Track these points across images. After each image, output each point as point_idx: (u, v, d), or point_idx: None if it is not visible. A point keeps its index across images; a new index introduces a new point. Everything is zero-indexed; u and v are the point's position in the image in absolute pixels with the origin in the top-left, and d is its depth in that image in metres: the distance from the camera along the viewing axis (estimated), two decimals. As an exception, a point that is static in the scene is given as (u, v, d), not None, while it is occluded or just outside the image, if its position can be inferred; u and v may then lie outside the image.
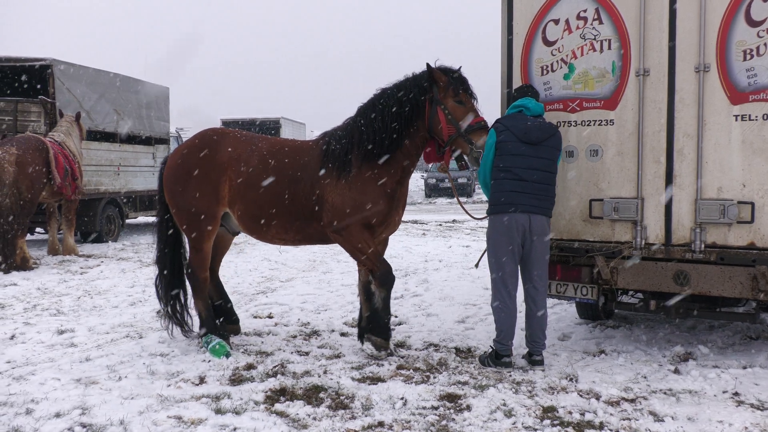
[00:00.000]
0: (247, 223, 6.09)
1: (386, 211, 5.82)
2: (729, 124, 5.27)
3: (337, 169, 5.76)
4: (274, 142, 6.23)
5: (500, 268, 5.51)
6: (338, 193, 5.73)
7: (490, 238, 5.57)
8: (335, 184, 5.75)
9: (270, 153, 6.05)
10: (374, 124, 5.73)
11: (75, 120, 12.79)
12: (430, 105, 5.70)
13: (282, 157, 6.02)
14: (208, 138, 6.22)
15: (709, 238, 5.38)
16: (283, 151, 6.08)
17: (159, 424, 4.43)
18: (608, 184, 5.73)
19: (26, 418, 4.52)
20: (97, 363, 5.78)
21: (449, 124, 5.64)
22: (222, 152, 6.07)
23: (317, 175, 5.83)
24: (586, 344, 6.34)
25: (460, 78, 5.73)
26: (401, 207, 6.06)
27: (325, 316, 7.68)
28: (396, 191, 5.87)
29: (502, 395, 4.94)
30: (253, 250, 13.41)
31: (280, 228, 6.01)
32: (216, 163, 6.03)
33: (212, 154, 6.07)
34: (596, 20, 5.70)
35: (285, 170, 5.94)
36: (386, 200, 5.79)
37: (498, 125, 5.58)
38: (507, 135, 5.44)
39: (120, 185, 15.31)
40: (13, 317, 7.57)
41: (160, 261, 6.48)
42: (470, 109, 5.69)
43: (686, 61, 5.38)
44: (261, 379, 5.31)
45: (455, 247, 13.79)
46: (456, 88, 5.67)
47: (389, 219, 5.92)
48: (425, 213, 24.22)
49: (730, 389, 5.04)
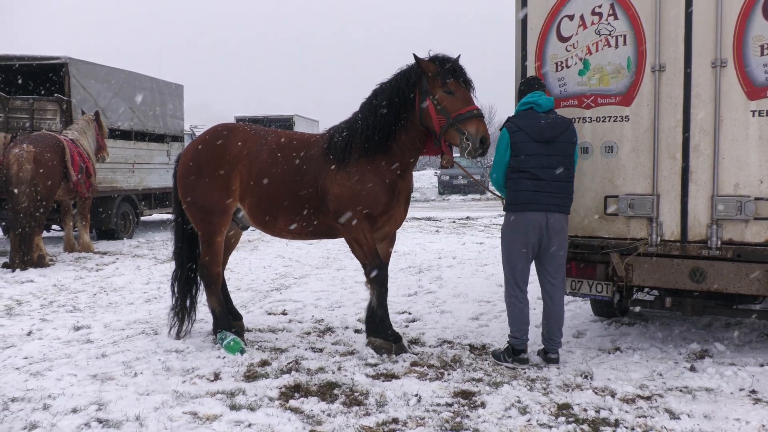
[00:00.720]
0: (256, 216, 6.14)
1: (385, 201, 5.75)
2: (746, 120, 5.22)
3: (338, 160, 5.77)
4: (283, 136, 6.26)
5: (514, 265, 5.50)
6: (339, 183, 5.74)
7: (505, 235, 5.55)
8: (336, 174, 5.76)
9: (279, 146, 6.10)
10: (369, 117, 5.72)
11: (94, 119, 12.89)
12: (420, 96, 5.59)
13: (290, 151, 6.06)
14: (219, 133, 6.28)
15: (726, 234, 5.34)
16: (291, 145, 6.12)
17: (174, 419, 4.46)
18: (623, 181, 5.70)
19: (43, 414, 4.56)
20: (113, 359, 5.82)
21: (439, 115, 5.48)
22: (232, 147, 6.11)
23: (321, 166, 5.85)
24: (601, 341, 6.31)
25: (450, 66, 5.53)
26: (404, 201, 5.99)
27: (339, 313, 7.69)
28: (396, 184, 5.80)
29: (517, 392, 4.93)
30: (267, 248, 13.45)
31: (287, 221, 6.04)
32: (226, 158, 6.08)
33: (223, 149, 6.12)
34: (611, 16, 5.67)
35: (292, 163, 5.98)
36: (385, 191, 5.74)
37: (510, 125, 5.46)
38: (520, 135, 5.37)
39: (135, 182, 15.40)
40: (30, 314, 7.64)
41: (176, 256, 6.58)
42: (460, 98, 5.49)
43: (703, 57, 5.33)
44: (275, 376, 5.33)
45: (469, 244, 13.76)
46: (444, 78, 5.48)
47: (391, 212, 5.86)
48: (438, 210, 24.18)
49: (747, 387, 5.00)
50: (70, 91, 13.29)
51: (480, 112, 5.50)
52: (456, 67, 5.55)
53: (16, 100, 13.13)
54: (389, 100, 5.66)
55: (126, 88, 15.27)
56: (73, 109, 13.25)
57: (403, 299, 8.32)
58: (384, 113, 5.65)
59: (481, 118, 5.48)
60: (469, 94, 5.56)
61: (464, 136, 5.37)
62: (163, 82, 17.08)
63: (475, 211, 22.61)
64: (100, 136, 13.01)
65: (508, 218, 5.53)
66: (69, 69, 13.30)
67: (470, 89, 5.59)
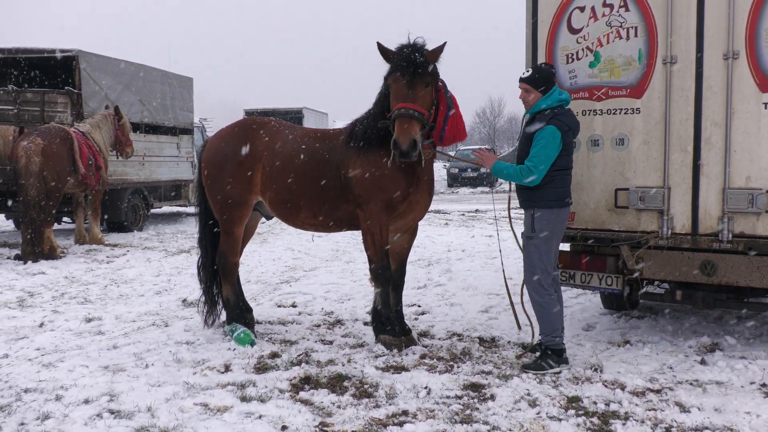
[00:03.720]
0: (278, 208, 6.18)
1: (405, 186, 5.68)
2: (758, 112, 5.18)
3: (359, 146, 5.75)
4: (308, 131, 6.35)
5: (550, 262, 5.30)
6: (360, 166, 5.73)
7: (547, 232, 5.25)
8: (357, 160, 5.76)
9: (302, 138, 6.15)
10: (378, 105, 5.71)
11: (113, 113, 12.96)
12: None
13: (313, 142, 6.11)
14: (247, 126, 6.36)
15: (737, 227, 5.30)
16: (315, 136, 6.19)
17: (185, 410, 4.49)
18: (634, 174, 5.67)
19: (56, 404, 4.60)
20: (124, 351, 5.86)
21: (389, 111, 5.41)
22: (258, 141, 6.17)
23: (343, 154, 5.87)
24: (611, 334, 6.30)
25: (394, 57, 5.36)
26: (427, 189, 5.91)
27: (349, 305, 7.71)
28: (414, 168, 5.68)
29: (526, 385, 4.93)
30: (276, 240, 13.49)
31: (309, 212, 6.07)
32: (250, 152, 6.13)
33: (248, 142, 6.17)
34: (622, 7, 5.63)
35: (315, 153, 6.01)
36: (403, 175, 5.67)
37: (560, 125, 5.14)
38: (570, 135, 5.22)
39: (145, 175, 15.45)
40: (42, 305, 7.70)
41: (201, 243, 6.68)
42: (394, 94, 5.33)
43: (714, 48, 5.29)
44: (285, 368, 5.35)
45: (478, 237, 13.75)
46: (390, 71, 5.40)
47: (412, 198, 5.80)
48: (447, 203, 24.16)
49: (758, 380, 4.99)
50: (81, 83, 13.34)
51: (405, 110, 5.20)
52: (396, 59, 5.36)
53: (27, 93, 13.19)
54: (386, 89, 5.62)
55: (136, 81, 15.30)
56: (84, 102, 13.29)
57: (412, 292, 8.32)
58: (383, 101, 5.64)
59: (403, 119, 5.21)
60: (404, 88, 5.29)
61: (394, 138, 5.24)
62: (173, 75, 17.09)
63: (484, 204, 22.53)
64: (120, 132, 13.06)
65: (548, 215, 5.25)
66: (79, 62, 13.33)
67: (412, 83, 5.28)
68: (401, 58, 5.32)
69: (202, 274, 6.62)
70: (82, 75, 13.37)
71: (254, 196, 6.21)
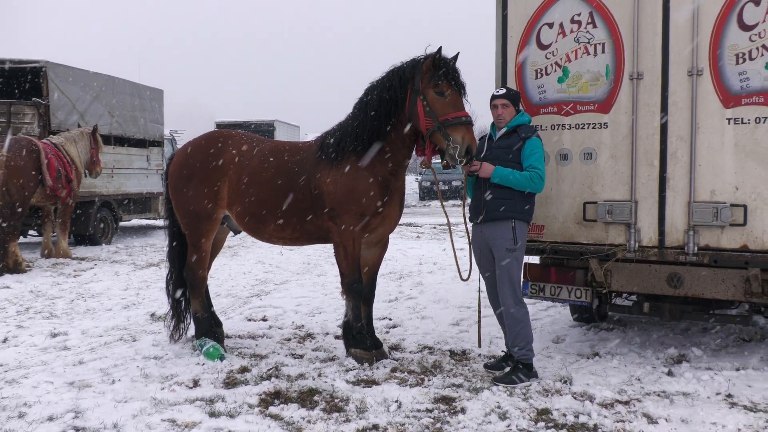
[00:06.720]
0: (245, 222, 6.14)
1: (379, 200, 5.70)
2: (722, 128, 5.29)
3: (331, 159, 5.74)
4: (277, 144, 6.33)
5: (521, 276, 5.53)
6: (332, 180, 5.71)
7: (521, 248, 5.39)
8: (329, 172, 5.74)
9: (271, 152, 6.12)
10: (360, 115, 5.69)
11: (90, 132, 12.86)
12: (411, 95, 5.49)
13: (281, 155, 6.08)
14: (215, 139, 6.31)
15: (702, 240, 5.40)
16: (284, 149, 6.17)
17: (153, 427, 4.42)
18: (602, 187, 5.75)
19: (19, 422, 4.50)
20: (90, 366, 5.76)
21: (427, 117, 5.37)
22: (225, 154, 6.12)
23: (314, 167, 5.84)
24: (580, 347, 6.35)
25: (444, 66, 5.37)
26: (398, 202, 5.94)
27: (320, 318, 7.67)
28: (389, 182, 5.74)
29: (497, 398, 4.94)
30: (248, 253, 13.39)
31: (276, 226, 6.02)
32: (217, 165, 6.09)
33: (215, 155, 6.13)
34: (590, 24, 5.72)
35: (283, 166, 5.99)
36: (378, 188, 5.69)
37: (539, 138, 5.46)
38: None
39: (114, 188, 15.26)
40: (6, 320, 7.54)
41: (169, 257, 6.61)
42: (451, 102, 5.35)
43: (679, 65, 5.40)
44: (255, 382, 5.30)
45: (449, 250, 13.78)
46: (437, 78, 5.35)
47: (385, 212, 5.82)
48: (419, 216, 24.20)
49: (724, 391, 5.06)
50: (48, 94, 13.18)
51: (469, 119, 5.34)
52: (450, 68, 5.41)
53: (-6, 104, 12.98)
54: (380, 98, 5.59)
55: (105, 93, 15.15)
56: (52, 113, 13.12)
57: (384, 305, 8.31)
58: (374, 111, 5.60)
59: (470, 126, 5.34)
60: (459, 98, 5.40)
61: (449, 142, 5.26)
62: (143, 87, 16.96)
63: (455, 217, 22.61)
64: (94, 151, 12.94)
65: (524, 228, 5.37)
66: (47, 73, 13.17)
67: (462, 93, 5.43)
68: (451, 68, 5.40)
69: (171, 288, 6.56)
70: (50, 86, 13.20)
71: (221, 210, 6.16)
